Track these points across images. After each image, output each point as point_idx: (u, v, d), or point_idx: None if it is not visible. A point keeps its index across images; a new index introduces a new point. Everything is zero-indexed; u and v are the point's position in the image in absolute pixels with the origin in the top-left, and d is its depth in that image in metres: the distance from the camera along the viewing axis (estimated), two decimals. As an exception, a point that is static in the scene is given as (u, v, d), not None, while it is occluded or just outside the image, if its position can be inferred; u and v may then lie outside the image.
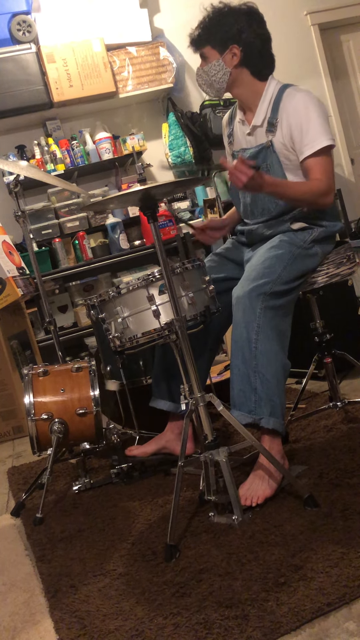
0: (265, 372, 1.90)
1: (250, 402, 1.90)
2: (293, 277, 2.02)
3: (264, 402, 1.89)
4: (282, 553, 1.53)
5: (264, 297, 1.93)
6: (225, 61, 2.09)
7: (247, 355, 1.92)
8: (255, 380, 1.90)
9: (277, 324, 1.95)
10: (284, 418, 1.94)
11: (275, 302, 1.95)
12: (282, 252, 2.03)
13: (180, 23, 4.68)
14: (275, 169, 2.12)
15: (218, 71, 2.10)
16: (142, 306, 1.91)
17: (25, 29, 4.25)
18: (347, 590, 1.32)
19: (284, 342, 1.98)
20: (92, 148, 4.47)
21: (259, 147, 2.15)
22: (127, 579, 1.62)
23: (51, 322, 2.77)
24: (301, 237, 2.09)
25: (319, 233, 2.11)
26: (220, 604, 1.39)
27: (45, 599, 1.64)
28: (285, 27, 5.14)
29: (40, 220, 4.30)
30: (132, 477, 2.31)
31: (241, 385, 1.92)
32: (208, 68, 2.12)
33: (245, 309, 1.93)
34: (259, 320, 1.92)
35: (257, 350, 1.91)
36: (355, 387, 2.72)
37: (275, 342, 1.93)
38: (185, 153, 4.63)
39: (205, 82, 2.16)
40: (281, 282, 1.98)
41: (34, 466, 2.79)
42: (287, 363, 1.97)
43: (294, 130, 2.05)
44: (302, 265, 2.06)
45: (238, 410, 1.92)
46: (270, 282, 1.96)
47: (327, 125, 2.05)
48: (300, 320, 2.36)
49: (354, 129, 5.62)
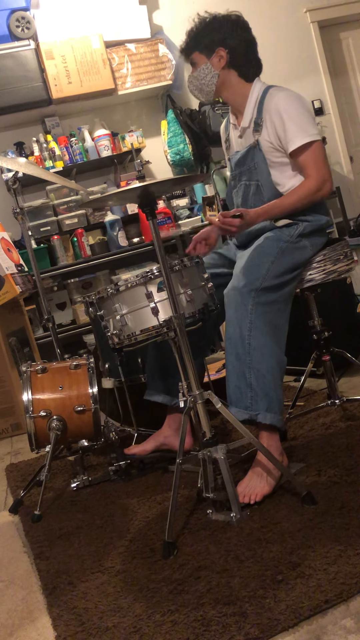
0: (260, 367, 1.90)
1: (246, 398, 1.90)
2: (283, 271, 2.03)
3: (260, 397, 1.89)
4: (279, 550, 1.53)
5: (255, 293, 1.94)
6: (213, 64, 2.17)
7: (241, 351, 1.92)
8: (250, 376, 1.90)
9: (271, 319, 1.96)
10: (282, 413, 1.95)
11: (267, 298, 1.96)
12: (269, 248, 2.05)
13: (179, 20, 4.68)
14: (261, 168, 2.17)
15: (206, 74, 2.18)
16: (140, 303, 1.91)
17: (24, 26, 4.24)
18: (345, 587, 1.32)
19: (279, 338, 1.98)
20: (91, 145, 4.47)
21: (247, 148, 2.21)
22: (125, 576, 1.62)
23: (49, 319, 2.77)
24: (287, 233, 2.11)
25: (305, 227, 2.13)
26: (218, 601, 1.39)
27: (43, 596, 1.64)
28: (285, 24, 5.13)
29: (39, 218, 4.30)
30: (130, 474, 2.31)
31: (236, 382, 1.93)
32: (197, 73, 2.20)
33: (237, 306, 1.94)
34: (251, 316, 1.92)
35: (251, 346, 1.91)
36: (353, 384, 2.73)
37: (269, 337, 1.93)
38: (184, 150, 4.63)
39: (196, 87, 2.24)
40: (271, 276, 1.98)
41: (32, 463, 2.80)
42: (283, 358, 1.97)
43: (278, 128, 2.10)
44: (291, 259, 2.07)
45: (234, 407, 1.92)
46: (260, 278, 1.97)
47: (310, 120, 2.09)
48: (298, 318, 2.36)
49: (353, 127, 5.62)
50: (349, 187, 5.37)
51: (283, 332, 2.00)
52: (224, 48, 2.15)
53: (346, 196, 5.08)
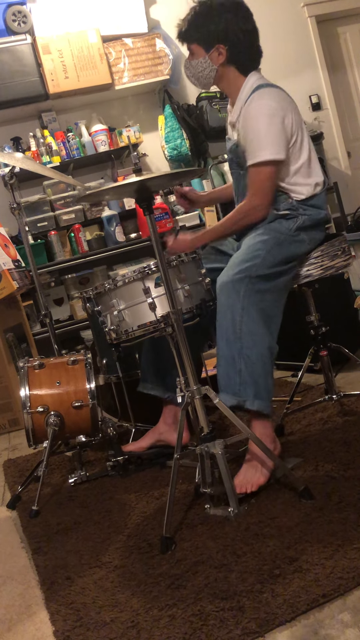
0: (250, 353, 1.90)
1: (235, 383, 1.90)
2: (278, 261, 2.02)
3: (248, 384, 1.89)
4: (277, 545, 1.53)
5: (249, 279, 1.93)
6: (212, 59, 2.13)
7: (232, 337, 1.91)
8: (239, 361, 1.90)
9: (264, 307, 1.95)
10: (271, 400, 1.94)
11: (261, 286, 1.95)
12: (267, 238, 2.04)
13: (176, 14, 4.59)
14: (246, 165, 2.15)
15: (205, 68, 2.15)
16: (138, 299, 1.91)
17: (20, 20, 4.22)
18: (342, 581, 1.32)
19: (271, 326, 1.97)
20: (88, 140, 4.45)
21: (234, 142, 2.21)
22: (123, 571, 1.62)
23: (47, 315, 2.76)
24: (286, 226, 2.10)
25: (304, 221, 2.12)
26: (216, 595, 1.39)
27: (41, 591, 1.64)
28: (283, 19, 5.11)
29: (36, 213, 4.28)
30: (128, 469, 2.31)
31: (226, 368, 1.92)
32: (195, 63, 2.16)
33: (230, 292, 1.93)
34: (243, 302, 1.92)
35: (242, 331, 1.90)
36: (350, 380, 2.73)
37: (260, 324, 1.92)
38: (182, 145, 4.62)
39: (193, 75, 2.21)
40: (266, 265, 1.98)
41: (30, 459, 2.80)
42: (274, 346, 1.96)
43: (243, 137, 2.10)
44: (288, 251, 2.07)
45: (224, 392, 1.92)
46: (255, 266, 1.96)
47: (272, 139, 2.03)
48: (296, 313, 2.36)
49: (351, 122, 5.61)
50: (346, 182, 5.37)
51: (275, 322, 1.99)
52: (223, 45, 2.09)
53: (344, 191, 5.07)
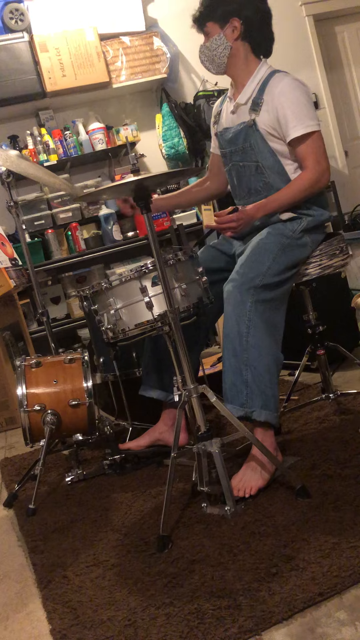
0: (257, 365, 1.90)
1: (242, 395, 1.90)
2: (283, 268, 2.02)
3: (255, 395, 1.89)
4: (274, 543, 1.53)
5: (254, 290, 1.93)
6: (226, 35, 2.11)
7: (238, 348, 1.91)
8: (246, 373, 1.90)
9: (269, 317, 1.95)
10: (277, 410, 1.95)
11: (266, 295, 1.95)
12: (271, 244, 2.03)
13: (174, 13, 4.65)
14: (260, 147, 2.13)
15: (219, 45, 2.12)
16: (135, 298, 1.91)
17: (17, 17, 4.21)
18: (339, 580, 1.33)
19: (276, 336, 1.97)
20: (85, 138, 4.45)
21: (241, 125, 2.16)
22: (120, 570, 1.62)
23: (44, 313, 2.76)
24: (290, 228, 2.09)
25: (308, 222, 2.12)
26: (213, 594, 1.39)
27: (38, 590, 1.64)
28: (280, 17, 5.06)
29: (33, 211, 4.28)
30: (124, 468, 2.31)
31: (233, 379, 1.92)
32: (210, 43, 2.14)
33: (236, 302, 1.93)
34: (250, 313, 1.92)
35: (249, 343, 1.91)
36: (347, 378, 2.73)
37: (266, 335, 1.93)
38: (179, 144, 4.61)
39: (208, 58, 2.18)
40: (271, 274, 1.98)
41: (27, 457, 2.79)
42: (280, 356, 1.97)
43: (279, 113, 2.07)
44: (292, 256, 2.06)
45: (230, 404, 1.92)
46: (260, 275, 1.95)
47: (312, 111, 2.07)
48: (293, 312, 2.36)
49: (348, 121, 5.61)
50: (344, 181, 5.37)
51: (280, 329, 2.00)
52: (238, 19, 2.09)
53: (341, 190, 5.07)
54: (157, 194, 4.59)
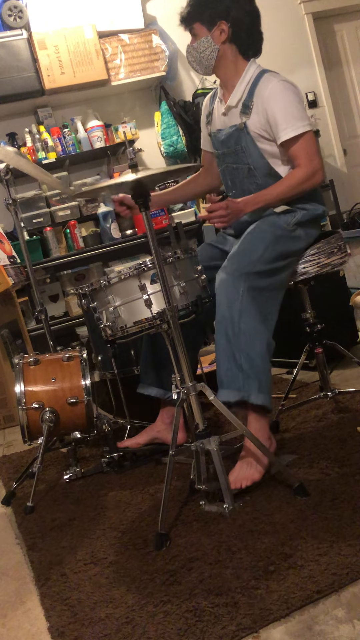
0: (250, 350, 1.91)
1: (238, 379, 1.91)
2: (275, 257, 2.02)
3: (251, 379, 1.90)
4: (272, 541, 1.53)
5: (246, 276, 1.93)
6: (214, 37, 2.11)
7: (231, 334, 1.92)
8: (240, 358, 1.91)
9: (261, 305, 1.95)
10: (271, 395, 1.95)
11: (258, 283, 1.95)
12: (264, 233, 2.04)
13: (173, 10, 4.58)
14: (251, 150, 2.13)
15: (206, 48, 2.12)
16: (133, 295, 1.91)
17: (16, 15, 4.20)
18: (336, 578, 1.33)
19: (268, 323, 1.97)
20: (84, 136, 4.44)
21: (232, 128, 2.16)
22: (118, 567, 1.62)
23: (42, 311, 2.76)
24: (284, 220, 2.10)
25: (302, 216, 2.12)
26: (211, 591, 1.39)
27: (36, 587, 1.64)
28: (279, 15, 5.11)
29: (32, 209, 4.28)
30: (123, 466, 2.31)
31: (227, 364, 1.93)
32: (197, 44, 2.14)
33: (228, 288, 1.93)
34: (242, 299, 1.92)
35: (241, 329, 1.91)
36: (345, 377, 2.73)
37: (258, 321, 1.93)
38: (178, 142, 4.61)
39: (195, 59, 2.18)
40: (263, 261, 1.98)
41: (25, 455, 2.79)
42: (271, 341, 1.97)
43: (269, 114, 2.06)
44: (284, 246, 2.06)
45: (226, 389, 1.92)
46: (253, 262, 1.96)
47: (302, 111, 2.06)
48: (291, 310, 2.36)
49: (347, 120, 5.61)
50: (342, 180, 5.37)
51: (272, 318, 2.00)
52: (226, 22, 2.08)
53: (339, 189, 5.08)
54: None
